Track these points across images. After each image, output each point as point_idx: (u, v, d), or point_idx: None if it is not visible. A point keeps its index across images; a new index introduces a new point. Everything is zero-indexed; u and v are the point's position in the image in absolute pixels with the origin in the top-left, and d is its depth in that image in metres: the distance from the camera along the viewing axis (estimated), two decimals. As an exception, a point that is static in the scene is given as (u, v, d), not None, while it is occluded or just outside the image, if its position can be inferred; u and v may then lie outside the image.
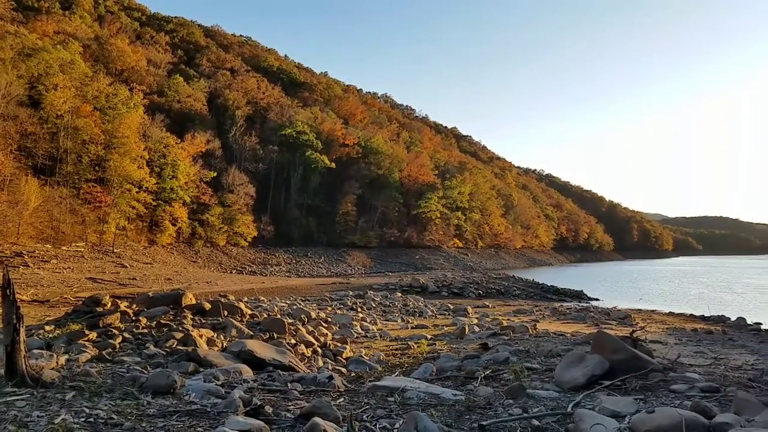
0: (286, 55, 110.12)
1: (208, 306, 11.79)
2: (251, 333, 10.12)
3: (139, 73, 57.76)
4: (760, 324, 19.57)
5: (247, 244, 54.16)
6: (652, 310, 25.23)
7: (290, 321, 12.61)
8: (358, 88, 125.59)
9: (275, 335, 10.15)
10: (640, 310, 25.31)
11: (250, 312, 13.05)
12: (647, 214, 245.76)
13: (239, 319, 11.65)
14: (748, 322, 20.19)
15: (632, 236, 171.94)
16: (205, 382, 5.73)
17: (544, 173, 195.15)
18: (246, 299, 20.48)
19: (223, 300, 14.79)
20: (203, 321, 10.81)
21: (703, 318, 21.92)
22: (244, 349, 7.59)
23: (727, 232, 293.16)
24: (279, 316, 13.04)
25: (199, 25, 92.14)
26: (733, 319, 21.14)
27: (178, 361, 6.99)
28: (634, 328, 13.77)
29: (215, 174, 53.11)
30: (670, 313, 24.00)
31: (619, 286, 46.62)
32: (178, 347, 8.12)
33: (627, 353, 6.04)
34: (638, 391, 5.31)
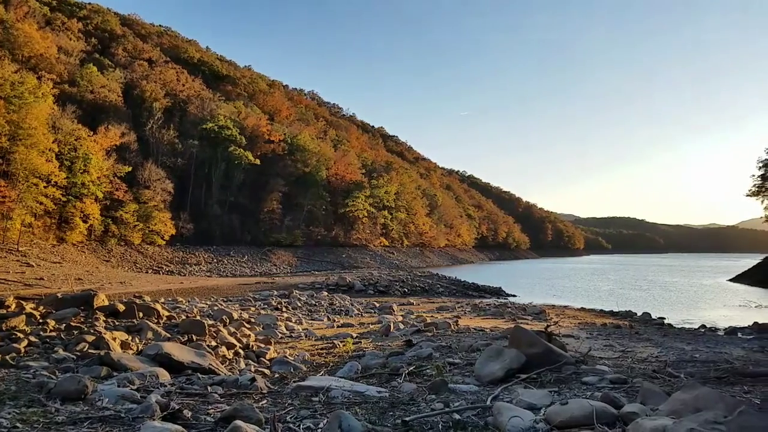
0: (207, 47, 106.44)
1: (121, 307, 11.28)
2: (169, 335, 9.76)
3: (49, 61, 53.63)
4: (664, 318, 21.19)
5: (164, 242, 51.83)
6: (565, 306, 26.61)
7: (210, 322, 12.20)
8: (284, 83, 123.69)
9: (194, 337, 9.82)
10: (554, 305, 26.61)
11: (167, 313, 12.59)
12: (560, 214, 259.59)
13: (156, 320, 11.23)
14: (653, 316, 21.79)
15: (547, 235, 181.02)
16: (119, 386, 5.46)
17: (467, 174, 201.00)
18: (163, 300, 19.68)
19: (138, 301, 14.18)
20: (117, 323, 10.35)
21: (612, 313, 23.36)
22: (160, 351, 7.27)
23: (634, 232, 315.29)
24: (198, 318, 12.63)
25: (114, 13, 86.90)
26: (639, 314, 22.71)
27: (89, 366, 6.62)
28: (549, 323, 14.51)
29: (130, 169, 50.36)
30: (582, 309, 25.40)
31: (535, 282, 48.80)
32: (90, 351, 7.71)
33: (542, 347, 6.31)
34: (553, 383, 5.55)
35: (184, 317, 12.89)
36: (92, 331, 8.98)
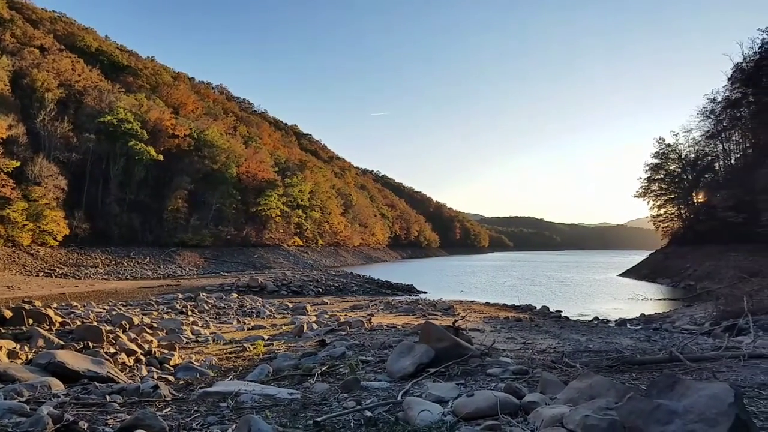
0: (107, 36, 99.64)
1: (8, 314, 10.42)
2: (62, 343, 9.12)
3: None
4: (561, 311, 22.60)
5: (57, 243, 47.93)
6: (472, 301, 27.67)
7: (109, 328, 11.50)
8: (190, 76, 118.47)
9: (91, 344, 9.22)
10: (462, 301, 27.60)
11: (60, 319, 11.78)
12: (468, 214, 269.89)
13: (48, 327, 10.48)
14: (551, 310, 23.20)
15: (455, 234, 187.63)
16: (5, 399, 5.03)
17: (380, 174, 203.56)
18: (56, 305, 18.28)
19: (27, 306, 13.09)
20: (3, 331, 9.59)
21: (513, 307, 24.59)
22: (53, 360, 6.76)
23: (534, 230, 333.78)
24: (95, 323, 11.89)
25: (1, -5, 78.97)
26: (538, 307, 24.07)
27: (-31, 379, 6.04)
28: (456, 318, 15.01)
29: (18, 164, 46.02)
30: (487, 304, 26.54)
31: (444, 279, 50.35)
32: (-31, 363, 7.01)
33: (450, 341, 6.52)
34: (460, 376, 5.75)
35: (79, 323, 12.08)
36: (-28, 340, 8.19)
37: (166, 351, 10.42)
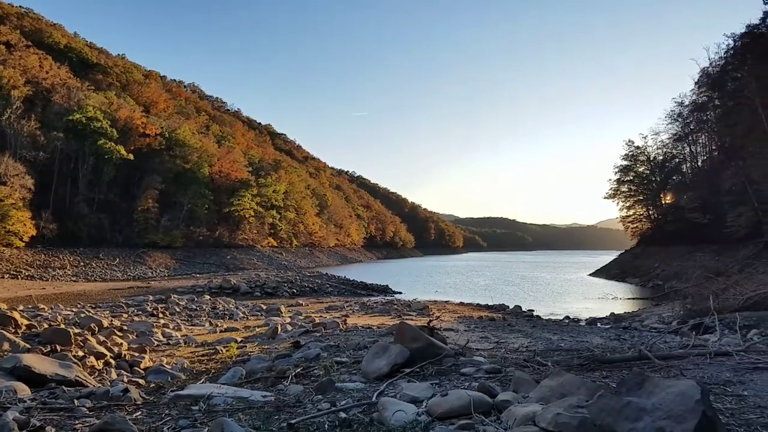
0: (75, 33, 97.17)
1: (-31, 318, 10.03)
2: (28, 346, 8.86)
3: None
4: (533, 311, 22.91)
5: (23, 244, 46.56)
6: (446, 301, 27.85)
7: (77, 331, 11.20)
8: (162, 74, 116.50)
9: (59, 347, 8.98)
10: (437, 301, 27.76)
11: (26, 322, 11.45)
12: (442, 214, 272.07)
13: (13, 330, 10.19)
14: (523, 309, 23.50)
15: (430, 234, 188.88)
16: (-33, 406, 4.85)
17: (356, 174, 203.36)
18: (22, 308, 17.76)
19: (-11, 310, 12.69)
20: (-37, 336, 9.16)
21: (487, 307, 24.85)
22: (19, 364, 6.55)
23: (507, 231, 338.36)
24: (63, 326, 11.56)
25: (-36, -11, 76.58)
26: (511, 307, 24.36)
27: (-71, 385, 5.80)
28: (431, 318, 15.08)
29: (-19, 162, 44.71)
30: (461, 303, 26.75)
31: (419, 279, 50.54)
32: (-70, 368, 6.74)
33: (424, 341, 6.55)
34: (434, 375, 5.77)
35: (46, 326, 11.74)
36: (-69, 346, 7.89)
37: (136, 354, 10.22)
